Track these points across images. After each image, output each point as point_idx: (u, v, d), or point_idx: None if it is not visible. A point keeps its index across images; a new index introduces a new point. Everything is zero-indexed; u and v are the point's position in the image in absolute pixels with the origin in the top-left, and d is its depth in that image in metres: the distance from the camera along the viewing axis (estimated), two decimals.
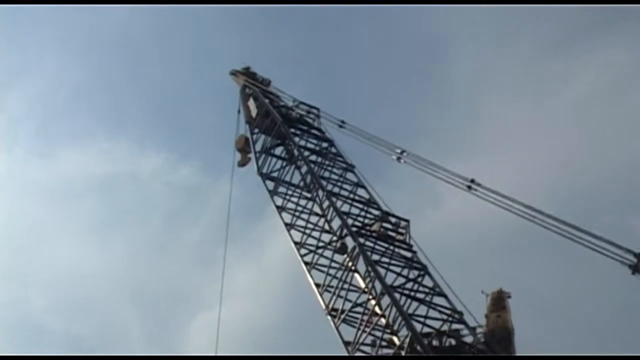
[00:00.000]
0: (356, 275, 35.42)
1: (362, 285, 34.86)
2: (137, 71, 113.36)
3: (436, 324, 33.14)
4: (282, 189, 41.32)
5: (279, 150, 43.01)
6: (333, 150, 41.94)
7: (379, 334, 33.20)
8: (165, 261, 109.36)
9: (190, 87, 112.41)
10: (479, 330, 36.38)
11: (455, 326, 33.68)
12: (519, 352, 41.01)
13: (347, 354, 33.03)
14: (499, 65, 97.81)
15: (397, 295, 33.07)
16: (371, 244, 35.72)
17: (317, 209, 38.88)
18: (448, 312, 33.53)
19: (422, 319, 32.78)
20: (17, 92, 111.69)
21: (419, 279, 34.62)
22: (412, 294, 33.81)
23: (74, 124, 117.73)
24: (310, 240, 38.03)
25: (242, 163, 45.34)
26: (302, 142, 41.95)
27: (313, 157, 41.13)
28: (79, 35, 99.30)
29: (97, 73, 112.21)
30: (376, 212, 38.13)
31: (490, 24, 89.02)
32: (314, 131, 43.34)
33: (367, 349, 33.17)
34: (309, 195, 39.87)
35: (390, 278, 34.13)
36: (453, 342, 33.68)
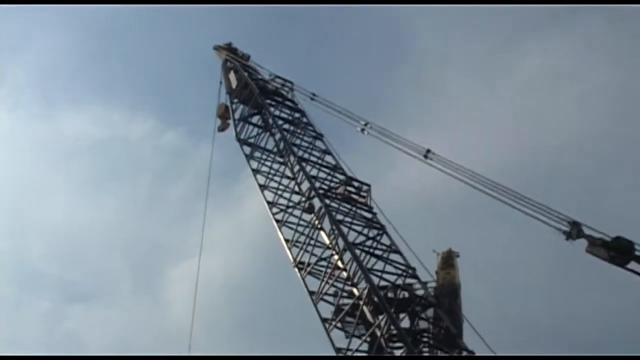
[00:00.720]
0: (322, 232, 35.58)
1: (327, 241, 35.02)
2: (131, 45, 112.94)
3: (392, 278, 33.29)
4: (257, 154, 41.34)
5: (255, 119, 43.04)
6: (304, 120, 41.97)
7: (340, 285, 33.36)
8: (151, 215, 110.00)
9: (178, 61, 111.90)
10: (429, 284, 36.51)
11: (408, 280, 33.84)
12: (464, 307, 41.21)
13: (312, 304, 33.17)
14: (458, 52, 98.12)
15: (357, 252, 33.21)
16: (336, 205, 35.82)
17: (288, 173, 38.97)
18: (403, 267, 33.68)
19: (379, 273, 32.88)
20: (20, 60, 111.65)
21: (378, 238, 34.72)
22: (371, 250, 33.92)
23: (72, 90, 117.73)
24: (282, 201, 38.14)
25: (222, 128, 45.74)
26: (277, 112, 41.99)
27: (286, 126, 41.18)
28: (77, 9, 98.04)
29: (94, 45, 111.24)
30: (341, 177, 38.20)
31: (453, 16, 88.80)
32: (287, 103, 43.37)
33: (330, 298, 33.30)
34: (281, 160, 39.92)
35: (352, 236, 34.29)
36: (406, 294, 33.84)
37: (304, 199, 37.33)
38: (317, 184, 36.99)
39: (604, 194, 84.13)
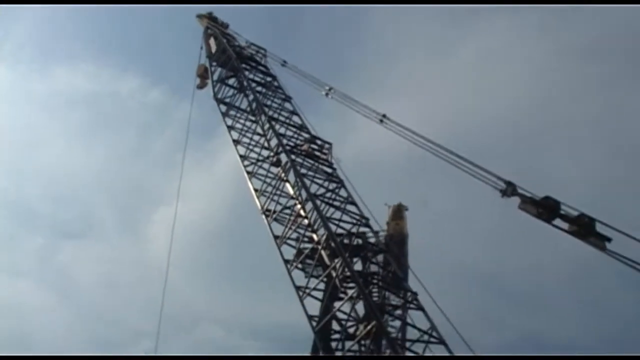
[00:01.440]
0: (287, 184, 35.78)
1: (291, 192, 35.23)
2: (123, 11, 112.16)
3: (347, 226, 33.59)
4: (232, 112, 41.43)
5: (231, 81, 43.06)
6: (275, 84, 42.09)
7: (302, 231, 33.61)
8: (136, 163, 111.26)
9: (165, 27, 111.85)
10: (381, 233, 36.97)
11: (362, 229, 34.15)
12: (411, 254, 41.73)
13: (276, 247, 33.47)
14: (414, 29, 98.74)
15: (318, 202, 33.45)
16: (300, 161, 36.00)
17: (259, 130, 39.06)
18: (357, 217, 33.96)
19: (336, 222, 33.16)
20: (22, 20, 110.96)
21: (336, 190, 34.94)
22: (330, 201, 34.16)
23: (68, 49, 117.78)
24: (252, 155, 38.25)
25: (201, 86, 46.09)
26: (251, 76, 41.97)
27: (259, 89, 41.20)
28: None
29: (89, 8, 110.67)
30: (306, 136, 38.34)
31: None
32: (260, 68, 43.43)
33: (292, 242, 33.60)
34: (253, 118, 40.03)
35: (313, 188, 34.47)
36: (360, 241, 34.21)
37: (272, 153, 37.52)
38: (285, 141, 37.11)
39: (537, 159, 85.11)
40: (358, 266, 33.56)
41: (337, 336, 33.29)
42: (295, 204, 34.78)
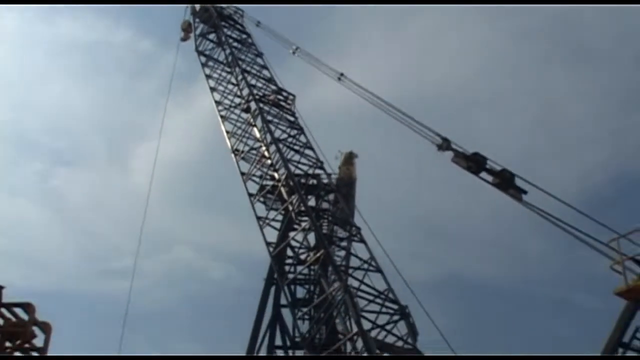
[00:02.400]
0: (254, 128, 35.61)
1: (258, 136, 35.11)
2: None
3: (305, 168, 33.66)
4: (210, 63, 41.03)
5: (212, 36, 42.48)
6: (249, 41, 41.69)
7: (265, 170, 33.64)
8: (125, 104, 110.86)
9: None
10: (333, 176, 37.15)
11: (317, 171, 34.26)
12: (358, 195, 41.93)
13: (242, 182, 33.50)
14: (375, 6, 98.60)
15: (280, 145, 33.43)
16: (267, 109, 35.86)
17: (233, 80, 38.77)
18: (314, 160, 34.01)
19: (295, 164, 33.21)
20: None
21: (297, 136, 34.93)
22: (291, 146, 34.18)
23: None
24: (226, 101, 38.02)
25: (184, 39, 45.19)
26: (229, 32, 41.53)
27: (235, 44, 40.85)
28: None
29: None
30: (274, 87, 38.16)
31: None
32: (238, 26, 42.94)
33: (256, 179, 33.68)
34: (228, 70, 39.64)
35: (277, 133, 34.45)
36: (314, 181, 34.35)
37: (243, 101, 37.28)
38: (255, 91, 36.91)
39: (470, 120, 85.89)
40: (312, 203, 33.80)
41: (290, 261, 33.58)
42: (261, 146, 34.68)
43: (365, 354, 23.17)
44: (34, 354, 21.84)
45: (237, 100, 37.84)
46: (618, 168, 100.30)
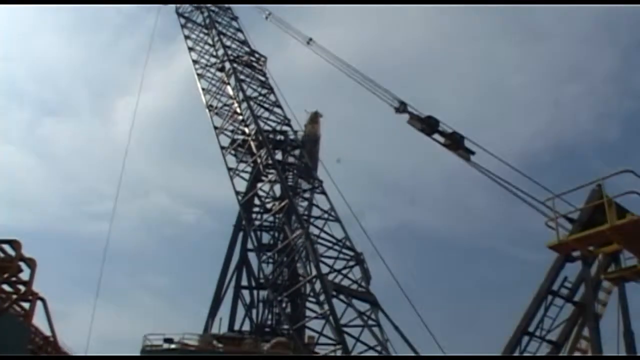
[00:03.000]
0: (228, 87, 35.31)
1: (231, 93, 34.83)
2: None
3: (273, 125, 33.63)
4: (189, 25, 40.36)
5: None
6: (226, 5, 41.08)
7: (237, 125, 33.43)
8: (108, 59, 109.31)
9: None
10: (299, 133, 37.02)
11: (285, 128, 34.20)
12: (321, 151, 41.84)
13: (216, 135, 33.29)
14: None
15: (251, 103, 33.27)
16: (240, 69, 35.62)
17: (209, 41, 38.30)
18: (282, 118, 33.96)
19: (264, 120, 33.14)
20: None
21: (267, 95, 34.79)
22: (261, 103, 34.04)
23: None
24: (203, 60, 37.53)
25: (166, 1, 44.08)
26: None
27: (212, 8, 40.27)
28: None
29: None
30: (247, 49, 37.87)
31: None
32: None
33: (229, 133, 33.46)
34: (206, 31, 39.15)
35: (249, 92, 34.25)
36: (282, 137, 34.32)
37: (218, 61, 36.86)
38: (229, 52, 36.57)
39: (426, 87, 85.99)
40: (279, 157, 33.81)
41: (257, 209, 33.62)
42: (233, 103, 34.39)
43: (322, 294, 23.36)
44: (20, 287, 21.83)
45: (213, 60, 37.37)
46: (556, 135, 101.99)
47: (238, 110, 33.76)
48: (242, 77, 34.96)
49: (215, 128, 33.55)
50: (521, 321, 15.90)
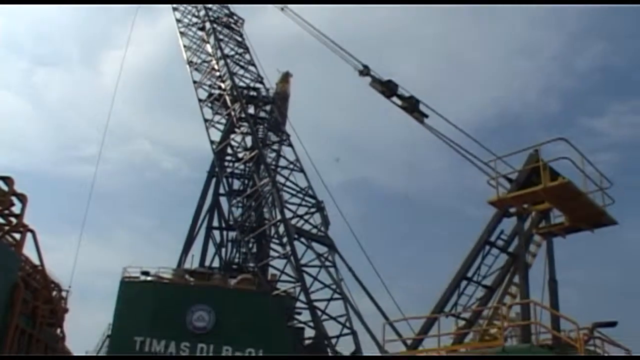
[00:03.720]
0: (207, 45, 34.70)
1: (210, 51, 34.26)
2: None
3: (247, 81, 33.34)
4: None
5: None
6: None
7: (214, 80, 32.99)
8: (99, 16, 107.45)
9: None
10: (271, 90, 36.69)
11: (257, 85, 33.87)
12: (290, 109, 41.53)
13: (194, 89, 32.82)
14: None
15: (228, 61, 32.83)
16: (219, 29, 34.96)
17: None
18: (255, 75, 33.60)
19: (239, 77, 32.82)
20: None
21: (243, 54, 34.33)
22: (237, 62, 33.64)
23: None
24: (185, 20, 36.68)
25: None
26: None
27: None
28: None
29: None
30: (226, 11, 37.11)
31: None
32: None
33: (206, 87, 33.05)
34: None
35: (226, 50, 33.74)
36: (255, 93, 33.98)
37: (200, 21, 36.11)
38: (210, 13, 35.86)
39: (390, 58, 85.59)
40: (251, 111, 33.47)
41: (229, 158, 33.37)
42: (212, 60, 33.83)
43: (285, 237, 23.43)
44: (12, 219, 21.60)
45: (195, 19, 36.56)
46: (503, 105, 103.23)
47: (216, 67, 33.24)
48: (220, 36, 34.31)
49: (194, 82, 33.03)
50: (461, 267, 16.17)
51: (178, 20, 36.99)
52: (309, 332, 22.34)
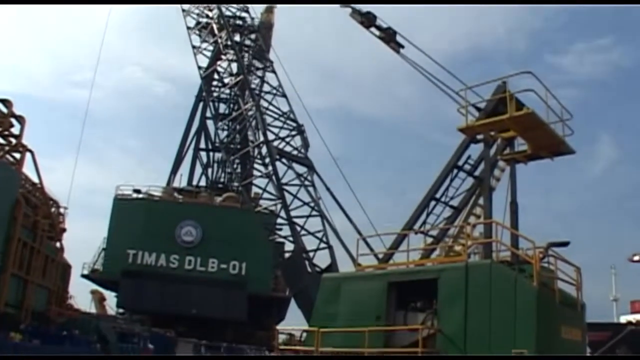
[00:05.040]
0: None
1: None
2: None
3: (233, 10, 32.47)
4: None
5: None
6: None
7: (202, 9, 31.83)
8: None
9: None
10: (255, 20, 35.86)
11: (243, 14, 33.11)
12: (274, 38, 40.74)
13: (183, 17, 31.87)
14: None
15: None
16: None
17: None
18: (242, 4, 32.73)
19: (226, 6, 31.86)
20: None
21: None
22: None
23: None
24: None
25: None
26: None
27: None
28: None
29: None
30: None
31: None
32: None
33: (194, 16, 32.09)
34: None
35: None
36: (241, 22, 33.29)
37: None
38: None
39: None
40: (237, 39, 32.80)
41: (216, 83, 32.90)
42: None
43: (267, 157, 23.40)
44: (12, 139, 21.36)
45: None
46: (475, 40, 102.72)
47: None
48: None
49: (183, 10, 31.96)
50: (430, 188, 16.35)
51: None
52: (289, 247, 22.59)
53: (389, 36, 20.70)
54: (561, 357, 10.31)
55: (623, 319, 53.37)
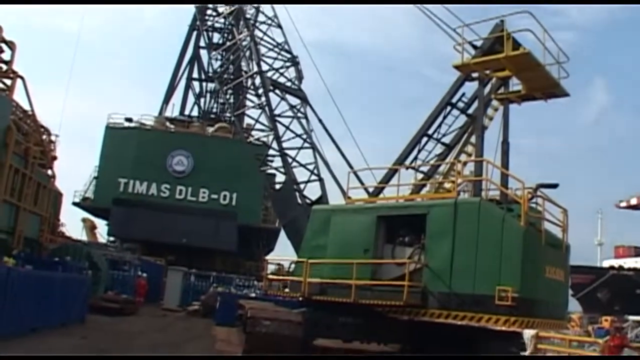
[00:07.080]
0: None
1: None
2: None
3: None
4: None
5: None
6: None
7: None
8: None
9: None
10: None
11: None
12: None
13: None
14: None
15: None
16: None
17: None
18: None
19: None
20: None
21: None
22: None
23: None
24: None
25: None
26: None
27: None
28: None
29: None
30: None
31: None
32: None
33: None
34: None
35: None
36: None
37: None
38: None
39: None
40: None
41: (210, 12, 32.27)
42: None
43: (261, 88, 23.21)
44: (2, 65, 21.03)
45: None
46: None
47: None
48: None
49: None
50: (423, 124, 16.41)
51: None
52: (280, 178, 22.67)
53: None
54: (561, 357, 10.48)
55: (606, 264, 54.73)
